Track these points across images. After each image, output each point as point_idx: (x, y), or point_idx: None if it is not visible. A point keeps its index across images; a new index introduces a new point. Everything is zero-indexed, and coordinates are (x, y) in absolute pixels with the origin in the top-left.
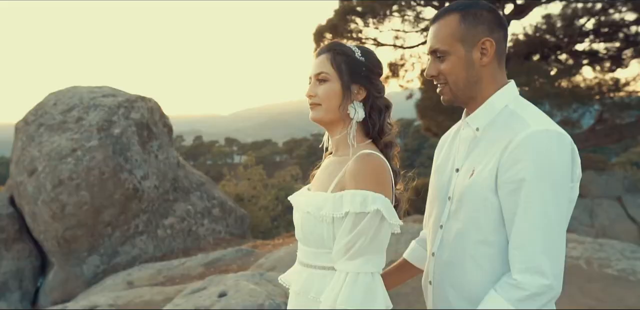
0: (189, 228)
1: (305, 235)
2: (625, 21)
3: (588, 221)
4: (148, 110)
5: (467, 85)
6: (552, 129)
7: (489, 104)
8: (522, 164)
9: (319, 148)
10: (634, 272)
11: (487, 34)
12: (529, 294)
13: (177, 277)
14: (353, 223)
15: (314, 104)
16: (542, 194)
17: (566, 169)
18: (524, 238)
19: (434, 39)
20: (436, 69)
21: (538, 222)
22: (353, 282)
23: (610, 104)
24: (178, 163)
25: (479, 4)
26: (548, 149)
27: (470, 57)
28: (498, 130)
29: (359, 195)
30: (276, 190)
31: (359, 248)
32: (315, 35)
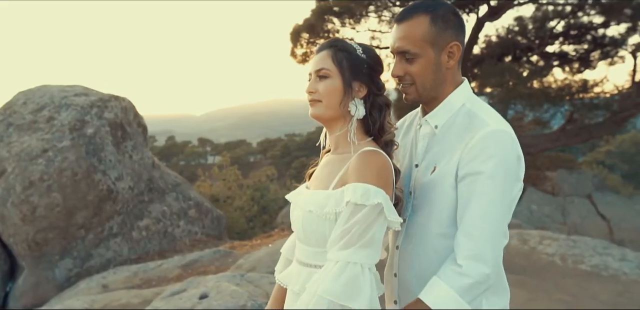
0: (164, 229)
1: (307, 234)
2: (594, 24)
3: (560, 219)
4: (122, 109)
5: (433, 86)
6: (508, 131)
7: (447, 103)
8: (481, 159)
9: (293, 148)
10: (606, 267)
11: (455, 38)
12: (472, 282)
13: (154, 279)
14: (351, 213)
15: (314, 101)
16: (495, 187)
17: (516, 167)
18: (473, 226)
19: (404, 40)
20: (403, 70)
21: (488, 213)
22: (340, 271)
23: (580, 105)
24: (153, 163)
25: (445, 6)
26: (504, 147)
27: (439, 60)
28: (459, 129)
29: (361, 187)
30: (252, 191)
31: (351, 237)
32: (292, 34)
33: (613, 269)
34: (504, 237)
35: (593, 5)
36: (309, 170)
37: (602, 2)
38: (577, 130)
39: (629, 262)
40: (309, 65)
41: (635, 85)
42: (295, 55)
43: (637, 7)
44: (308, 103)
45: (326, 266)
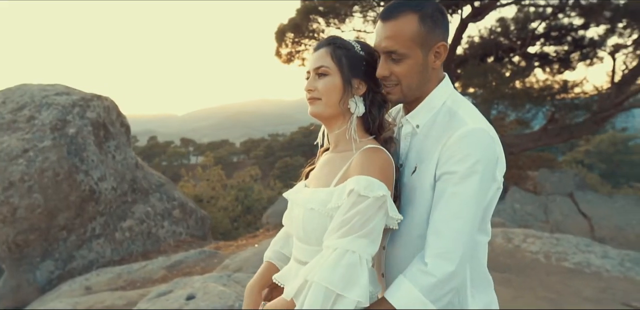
0: (148, 230)
1: (307, 233)
2: (574, 25)
3: (543, 217)
4: (104, 109)
5: (418, 87)
6: (486, 129)
7: (428, 102)
8: (456, 159)
9: (276, 148)
10: (589, 264)
11: (441, 39)
12: (436, 281)
13: (138, 280)
14: (353, 203)
15: (313, 99)
16: (467, 188)
17: (493, 167)
18: (442, 225)
19: (392, 40)
20: (389, 70)
21: (459, 212)
22: (338, 259)
23: (561, 105)
24: (136, 164)
25: (432, 3)
26: (481, 147)
27: (426, 60)
28: (439, 128)
29: (364, 179)
30: (236, 191)
31: (352, 227)
32: (277, 34)
33: (595, 266)
34: (473, 236)
35: (573, 7)
36: (305, 169)
37: (582, 4)
38: (559, 130)
39: (611, 259)
40: (307, 63)
41: (614, 86)
42: (280, 54)
43: (616, 9)
44: (307, 101)
45: (323, 252)
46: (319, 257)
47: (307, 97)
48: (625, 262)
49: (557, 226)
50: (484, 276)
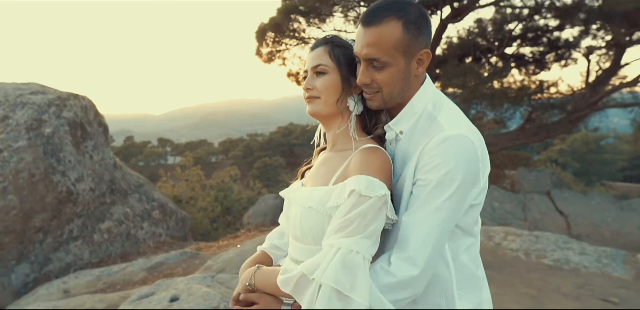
0: (127, 232)
1: (304, 232)
2: (549, 27)
3: (521, 215)
4: (82, 109)
5: (401, 94)
6: (463, 134)
7: (410, 108)
8: (430, 166)
9: (255, 148)
10: (568, 261)
11: (425, 46)
12: (396, 282)
13: (119, 283)
14: (354, 204)
15: (312, 97)
16: (440, 195)
17: (469, 173)
18: (411, 230)
19: (374, 47)
20: (370, 78)
21: (428, 219)
22: (343, 259)
23: (538, 105)
24: (115, 164)
25: (415, 8)
26: (456, 154)
27: (409, 68)
28: (418, 134)
29: (365, 179)
30: (215, 192)
31: (357, 227)
32: (258, 33)
33: (574, 263)
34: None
35: (549, 9)
36: (302, 169)
37: (558, 6)
38: (536, 130)
39: (589, 256)
40: (306, 62)
41: (589, 86)
42: (261, 54)
43: (590, 11)
44: (305, 101)
45: (326, 251)
46: (322, 256)
47: (305, 96)
48: (603, 258)
49: (536, 224)
50: (472, 278)
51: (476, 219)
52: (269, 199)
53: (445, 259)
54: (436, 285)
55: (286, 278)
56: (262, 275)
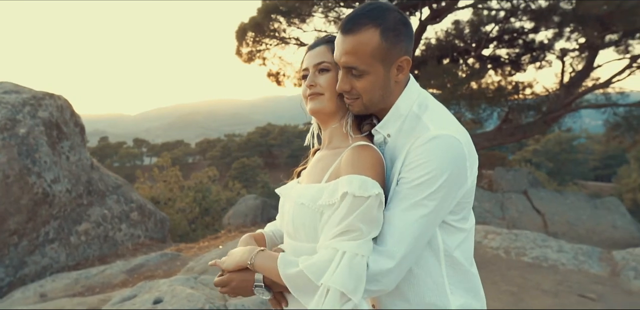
0: (105, 234)
1: (296, 228)
2: (525, 29)
3: (499, 214)
4: (57, 108)
5: (381, 100)
6: (448, 134)
7: (395, 110)
8: (414, 165)
9: (233, 149)
10: (546, 258)
11: (404, 52)
12: (368, 273)
13: (97, 286)
14: (351, 206)
15: (315, 94)
16: (421, 192)
17: (455, 172)
18: (388, 224)
19: (352, 56)
20: (349, 85)
21: (405, 214)
22: (350, 263)
23: (514, 106)
24: (92, 165)
25: (394, 14)
26: (440, 153)
27: (388, 75)
28: (404, 135)
29: (357, 179)
30: (194, 193)
31: (359, 231)
32: (238, 33)
33: (552, 260)
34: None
35: (525, 12)
36: (297, 169)
37: (533, 8)
38: (512, 130)
39: (566, 253)
40: (304, 61)
41: (563, 87)
42: (241, 53)
43: (565, 14)
44: (308, 98)
45: (330, 254)
46: (327, 259)
47: (306, 93)
48: (579, 255)
49: (513, 222)
50: (465, 274)
51: (464, 215)
52: (249, 200)
53: (437, 254)
54: (427, 280)
55: (291, 276)
56: (263, 258)
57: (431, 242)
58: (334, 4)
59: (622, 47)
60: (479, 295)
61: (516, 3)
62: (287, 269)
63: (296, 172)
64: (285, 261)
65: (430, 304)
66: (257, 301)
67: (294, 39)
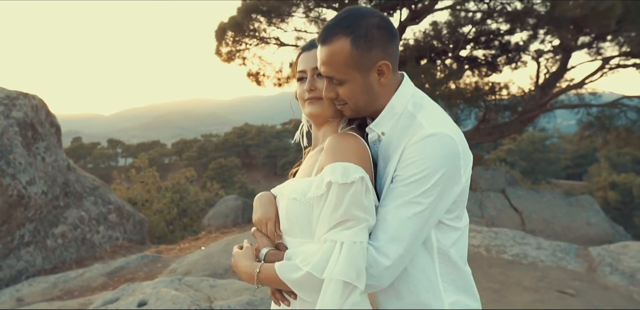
0: (82, 236)
1: (291, 223)
2: (501, 30)
3: (478, 212)
4: (32, 108)
5: (369, 104)
6: (443, 132)
7: (389, 109)
8: (409, 162)
9: (210, 149)
10: (526, 256)
11: (381, 57)
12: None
13: (76, 289)
14: (338, 194)
15: (315, 98)
16: (415, 190)
17: (447, 169)
18: (381, 222)
19: (327, 66)
20: (334, 92)
21: (398, 212)
22: (349, 252)
23: (491, 106)
24: (68, 166)
25: (367, 21)
26: (435, 151)
27: (368, 80)
28: (399, 134)
29: (339, 166)
30: (171, 193)
31: (352, 219)
32: (217, 32)
33: (531, 257)
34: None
35: (500, 14)
36: (292, 170)
37: (509, 11)
38: (490, 130)
39: (544, 250)
40: (300, 62)
41: (538, 88)
42: (221, 53)
43: (539, 17)
44: (306, 101)
45: (329, 247)
46: (326, 252)
47: (305, 96)
48: (557, 252)
49: (492, 220)
50: (458, 272)
51: (458, 214)
52: (230, 200)
53: (430, 252)
54: (421, 278)
55: (297, 281)
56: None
57: (425, 241)
58: (315, 4)
59: (594, 49)
60: (472, 293)
61: (492, 5)
62: (290, 275)
63: (291, 174)
64: (284, 268)
65: (424, 303)
66: (243, 302)
67: (274, 38)
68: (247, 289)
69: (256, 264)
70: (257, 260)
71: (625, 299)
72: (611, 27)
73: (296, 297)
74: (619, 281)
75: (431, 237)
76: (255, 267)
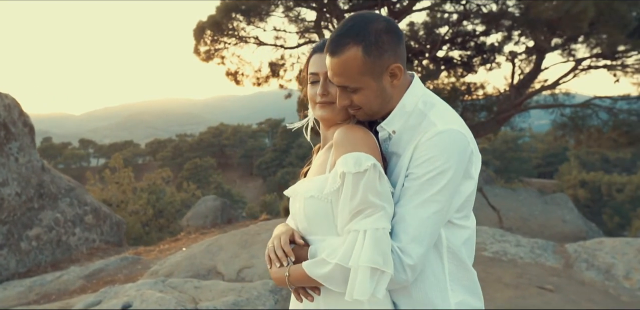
0: (58, 238)
1: (310, 221)
2: (476, 32)
3: None
4: (5, 107)
5: (382, 107)
6: (456, 129)
7: (400, 108)
8: (424, 159)
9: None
10: (506, 253)
11: (393, 60)
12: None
13: (53, 293)
14: (353, 184)
15: (327, 103)
16: (432, 187)
17: (459, 166)
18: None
19: (341, 77)
20: (349, 99)
21: (418, 211)
22: (373, 238)
23: (468, 106)
24: (43, 167)
25: (374, 26)
26: (448, 148)
27: (382, 85)
28: (410, 132)
29: (350, 156)
30: (147, 194)
31: (371, 207)
32: (196, 31)
33: (511, 254)
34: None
35: (476, 15)
36: (303, 170)
37: (485, 12)
38: None
39: (523, 247)
40: (314, 65)
41: (513, 88)
42: (199, 52)
43: (514, 18)
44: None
45: (353, 237)
46: (350, 242)
47: (317, 100)
48: (535, 249)
49: None
50: (466, 272)
51: (466, 213)
52: (209, 200)
53: (440, 251)
54: (430, 276)
55: (326, 275)
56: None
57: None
58: (294, 4)
59: (567, 50)
60: (477, 293)
61: (468, 6)
62: (319, 271)
63: (302, 174)
64: (311, 266)
65: (431, 301)
66: (229, 302)
67: (253, 38)
68: (232, 289)
69: (284, 268)
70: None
71: (601, 294)
72: (584, 29)
73: (320, 293)
74: (595, 276)
75: (441, 236)
76: (284, 271)
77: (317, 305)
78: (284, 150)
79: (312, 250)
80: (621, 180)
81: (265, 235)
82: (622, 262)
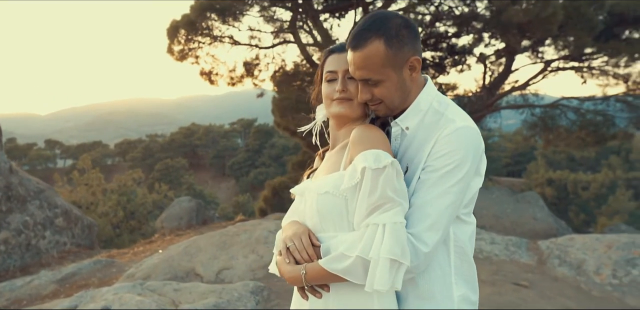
0: (27, 242)
1: (323, 218)
2: (449, 33)
3: None
4: None
5: (402, 101)
6: (472, 126)
7: (416, 105)
8: (442, 153)
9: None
10: (481, 251)
11: (413, 53)
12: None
13: (24, 298)
14: (372, 180)
15: (344, 99)
16: (449, 180)
17: (474, 161)
18: (419, 210)
19: (364, 70)
20: (370, 93)
21: (436, 201)
22: (393, 232)
23: None
24: (10, 168)
25: (393, 21)
26: (466, 143)
27: (402, 77)
28: (427, 128)
29: (370, 153)
30: (117, 196)
31: (389, 202)
32: (170, 30)
33: (486, 251)
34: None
35: (448, 17)
36: (306, 172)
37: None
38: None
39: (498, 244)
40: (332, 63)
41: (484, 89)
42: (173, 51)
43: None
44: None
45: (372, 231)
46: (369, 236)
47: (334, 96)
48: (510, 246)
49: None
50: (467, 264)
51: (471, 209)
52: (183, 202)
53: (447, 245)
54: (436, 269)
55: (347, 269)
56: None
57: None
58: (270, 4)
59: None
60: (475, 288)
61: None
62: (339, 265)
63: (306, 174)
64: (329, 261)
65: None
66: (210, 304)
67: (228, 37)
68: (212, 291)
69: (300, 266)
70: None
71: (573, 289)
72: (554, 32)
73: (329, 290)
74: (567, 272)
75: (449, 231)
76: (300, 270)
77: (326, 303)
78: (256, 151)
79: (325, 248)
80: (586, 178)
81: (244, 236)
82: (592, 258)
